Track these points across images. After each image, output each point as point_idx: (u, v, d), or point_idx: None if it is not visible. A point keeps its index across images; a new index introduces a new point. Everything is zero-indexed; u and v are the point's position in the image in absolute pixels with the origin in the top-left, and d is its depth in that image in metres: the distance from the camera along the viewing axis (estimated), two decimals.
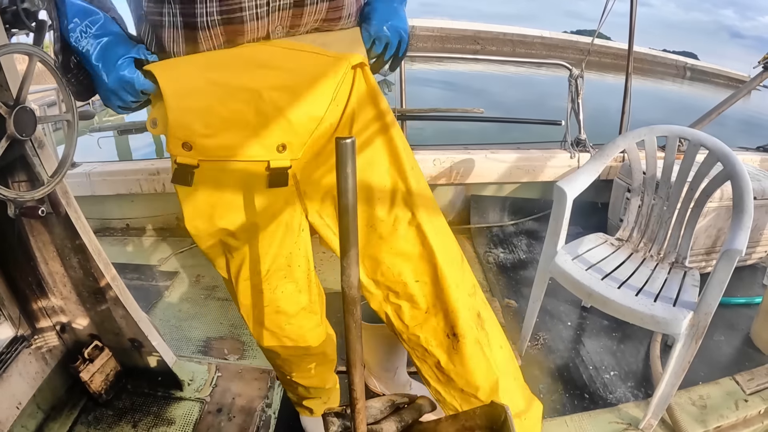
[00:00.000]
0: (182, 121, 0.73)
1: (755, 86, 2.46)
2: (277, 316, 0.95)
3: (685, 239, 1.49)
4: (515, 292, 1.92)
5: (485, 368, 0.91)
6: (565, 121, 2.32)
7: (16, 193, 0.85)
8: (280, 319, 0.96)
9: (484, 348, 0.91)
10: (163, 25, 0.71)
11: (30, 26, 0.80)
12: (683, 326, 1.16)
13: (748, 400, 1.40)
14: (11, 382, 1.11)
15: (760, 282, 2.02)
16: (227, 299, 1.81)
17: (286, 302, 0.94)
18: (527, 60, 10.83)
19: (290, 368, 1.07)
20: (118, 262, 2.02)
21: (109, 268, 1.17)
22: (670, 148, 1.52)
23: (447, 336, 0.90)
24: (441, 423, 0.75)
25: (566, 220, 1.37)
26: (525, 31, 15.13)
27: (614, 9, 2.07)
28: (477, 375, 0.91)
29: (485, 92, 8.63)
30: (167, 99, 0.72)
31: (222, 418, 1.28)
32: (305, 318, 0.99)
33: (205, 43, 0.71)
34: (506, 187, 2.49)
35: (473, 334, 0.90)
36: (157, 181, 2.18)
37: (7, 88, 0.88)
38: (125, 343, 1.27)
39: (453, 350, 0.91)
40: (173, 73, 0.72)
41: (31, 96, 0.87)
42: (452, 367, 0.92)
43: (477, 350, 0.90)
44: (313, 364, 1.08)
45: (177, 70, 0.72)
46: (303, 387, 1.13)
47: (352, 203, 0.59)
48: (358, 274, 0.64)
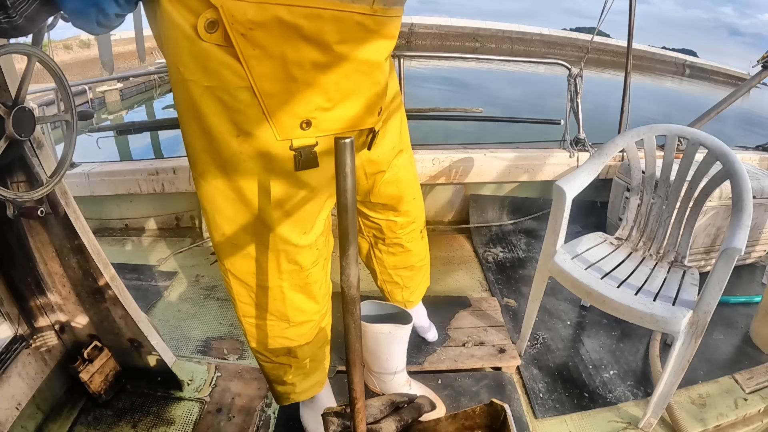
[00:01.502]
0: (305, 96, 0.70)
1: (754, 85, 2.46)
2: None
3: (684, 238, 1.50)
4: (514, 292, 1.92)
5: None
6: (564, 120, 2.32)
7: (15, 194, 0.84)
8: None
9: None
10: None
11: None
12: (682, 325, 1.16)
13: (747, 398, 1.40)
14: (11, 382, 1.11)
15: (759, 281, 2.02)
16: (227, 299, 1.81)
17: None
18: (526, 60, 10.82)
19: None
20: (117, 262, 2.01)
21: (108, 268, 1.16)
22: (670, 147, 1.52)
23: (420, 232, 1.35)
24: (440, 423, 0.75)
25: (565, 219, 1.37)
26: (524, 29, 15.16)
27: (613, 6, 2.07)
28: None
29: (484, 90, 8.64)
30: (279, 78, 0.68)
31: (222, 418, 1.28)
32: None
33: None
34: (505, 186, 2.49)
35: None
36: (156, 181, 2.18)
37: (5, 88, 0.88)
38: (124, 344, 1.27)
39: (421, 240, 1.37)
40: (288, 46, 0.67)
41: (29, 96, 0.87)
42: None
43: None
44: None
45: (295, 43, 0.67)
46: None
47: (351, 202, 0.59)
48: (358, 273, 0.65)
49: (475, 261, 2.13)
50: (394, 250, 1.34)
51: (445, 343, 1.57)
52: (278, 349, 1.05)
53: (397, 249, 1.33)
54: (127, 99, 10.73)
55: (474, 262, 2.13)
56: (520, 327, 1.60)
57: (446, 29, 14.41)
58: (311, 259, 0.95)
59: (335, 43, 0.69)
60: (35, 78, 0.85)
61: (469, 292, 1.90)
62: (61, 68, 0.88)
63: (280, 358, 1.08)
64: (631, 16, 2.23)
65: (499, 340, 1.59)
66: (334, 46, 0.69)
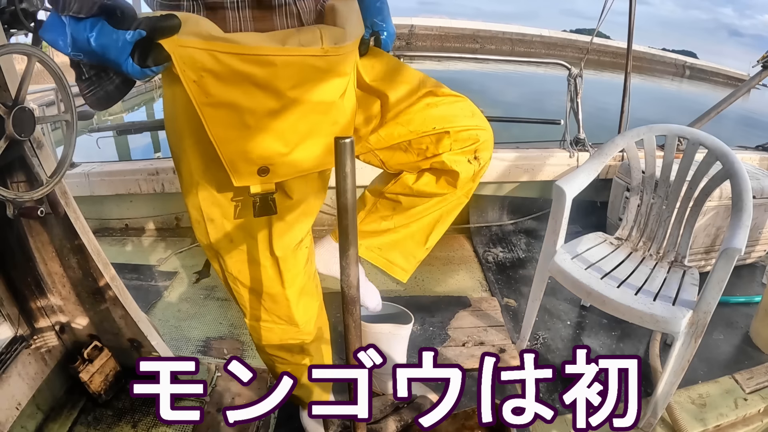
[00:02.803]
0: (259, 143, 0.70)
1: (754, 85, 2.46)
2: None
3: (684, 238, 1.50)
4: (514, 291, 1.92)
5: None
6: (564, 120, 2.32)
7: (15, 194, 0.84)
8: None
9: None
10: (181, 6, 0.68)
11: (28, 26, 0.80)
12: (682, 325, 1.16)
13: (747, 398, 1.40)
14: (11, 382, 1.11)
15: (759, 280, 2.02)
16: (227, 299, 1.81)
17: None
18: (526, 60, 10.83)
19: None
20: (117, 263, 2.01)
21: (108, 268, 1.16)
22: (669, 147, 1.52)
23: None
24: (441, 423, 0.75)
25: (565, 219, 1.37)
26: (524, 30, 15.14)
27: (613, 8, 2.07)
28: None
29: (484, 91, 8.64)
30: (233, 127, 0.69)
31: (221, 418, 1.28)
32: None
33: (233, 24, 0.68)
34: (505, 186, 2.49)
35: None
36: (156, 181, 2.18)
37: (5, 88, 0.88)
38: (124, 344, 1.27)
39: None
40: (240, 94, 0.67)
41: (29, 96, 0.87)
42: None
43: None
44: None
45: (248, 90, 0.68)
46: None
47: (351, 203, 0.59)
48: (358, 273, 0.65)
49: (475, 261, 2.13)
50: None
51: (445, 343, 1.57)
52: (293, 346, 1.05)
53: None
54: (127, 99, 10.68)
55: (474, 262, 2.13)
56: (520, 327, 1.60)
57: (446, 30, 14.40)
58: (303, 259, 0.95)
59: (289, 89, 0.69)
60: (35, 78, 0.85)
61: (469, 292, 1.90)
62: (61, 68, 0.88)
63: (295, 357, 1.07)
64: (631, 17, 2.23)
65: (499, 340, 1.59)
66: (288, 91, 0.69)
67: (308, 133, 0.74)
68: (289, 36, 0.67)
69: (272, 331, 1.02)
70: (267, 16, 0.69)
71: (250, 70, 0.65)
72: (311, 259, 1.00)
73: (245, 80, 0.66)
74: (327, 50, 0.70)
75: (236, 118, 0.68)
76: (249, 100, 0.67)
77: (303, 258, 0.94)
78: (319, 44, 0.69)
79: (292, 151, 0.73)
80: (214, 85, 0.65)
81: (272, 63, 0.66)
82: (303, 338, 1.04)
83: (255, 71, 0.65)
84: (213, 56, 0.64)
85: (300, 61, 0.68)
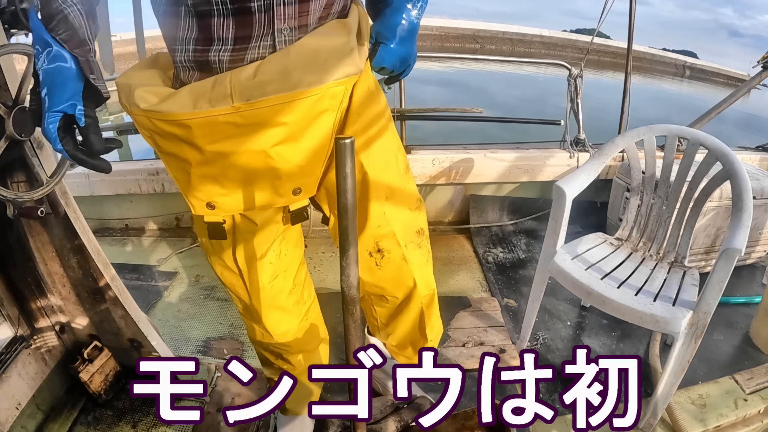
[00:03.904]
0: (200, 186, 0.80)
1: (755, 85, 2.46)
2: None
3: (684, 238, 1.50)
4: (514, 292, 1.92)
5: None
6: (564, 120, 2.32)
7: (15, 194, 0.85)
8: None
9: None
10: (179, 14, 0.72)
11: (28, 26, 0.80)
12: (683, 325, 1.16)
13: (747, 399, 1.40)
14: (11, 382, 1.11)
15: (759, 281, 2.02)
16: (227, 299, 1.81)
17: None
18: (526, 60, 10.82)
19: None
20: (117, 263, 2.01)
21: (108, 269, 1.16)
22: (670, 147, 1.52)
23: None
24: (441, 423, 0.75)
25: (565, 220, 1.37)
26: (524, 30, 15.13)
27: (613, 8, 2.07)
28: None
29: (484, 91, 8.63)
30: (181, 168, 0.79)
31: (221, 418, 1.28)
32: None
33: (217, 31, 0.72)
34: (505, 186, 2.49)
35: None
36: (156, 182, 2.18)
37: (6, 88, 0.88)
38: (124, 344, 1.27)
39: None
40: (176, 148, 0.76)
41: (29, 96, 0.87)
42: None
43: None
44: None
45: (179, 145, 0.76)
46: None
47: (351, 203, 0.59)
48: (358, 273, 0.65)
49: (476, 261, 2.13)
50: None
51: (445, 344, 1.57)
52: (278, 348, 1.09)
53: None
54: None
55: (474, 262, 2.13)
56: (520, 327, 1.60)
57: (446, 30, 14.40)
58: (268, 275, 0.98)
59: (207, 144, 0.74)
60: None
61: (469, 293, 1.90)
62: None
63: (278, 361, 1.14)
64: (631, 18, 2.23)
65: (499, 340, 1.59)
66: (207, 146, 0.75)
67: (244, 180, 0.80)
68: (202, 95, 0.71)
69: (253, 330, 1.09)
70: (247, 23, 0.71)
71: (174, 131, 0.73)
72: (284, 276, 1.01)
73: (175, 138, 0.75)
74: (239, 107, 0.71)
75: (180, 165, 0.79)
76: (183, 153, 0.77)
77: (267, 273, 0.97)
78: (229, 102, 0.71)
79: (232, 192, 0.81)
80: (160, 140, 0.76)
81: (187, 125, 0.72)
82: (280, 349, 1.10)
83: (178, 132, 0.73)
84: (150, 121, 0.73)
85: (213, 120, 0.72)
